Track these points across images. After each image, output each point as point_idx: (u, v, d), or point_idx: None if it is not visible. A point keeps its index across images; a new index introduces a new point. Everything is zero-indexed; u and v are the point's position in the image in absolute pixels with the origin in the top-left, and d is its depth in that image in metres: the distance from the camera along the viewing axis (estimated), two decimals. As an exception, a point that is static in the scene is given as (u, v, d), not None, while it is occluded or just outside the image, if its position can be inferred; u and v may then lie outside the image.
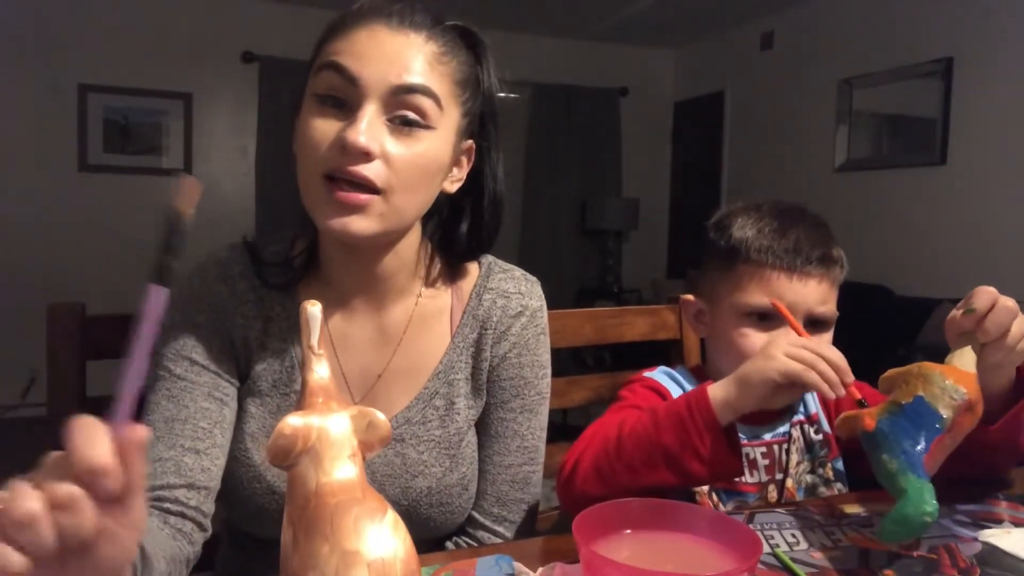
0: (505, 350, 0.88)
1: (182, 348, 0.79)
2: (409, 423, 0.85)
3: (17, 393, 4.31)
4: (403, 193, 0.74)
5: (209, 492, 0.77)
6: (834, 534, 0.72)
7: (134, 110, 4.62)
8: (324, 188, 0.72)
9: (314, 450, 0.47)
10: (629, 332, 1.25)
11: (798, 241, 0.94)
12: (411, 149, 0.73)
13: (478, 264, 0.91)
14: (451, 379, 0.87)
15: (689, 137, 5.76)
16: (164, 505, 0.74)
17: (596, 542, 0.54)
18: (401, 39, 0.74)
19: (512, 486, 0.90)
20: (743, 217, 0.98)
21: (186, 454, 0.76)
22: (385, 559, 0.45)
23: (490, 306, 0.88)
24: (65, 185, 4.50)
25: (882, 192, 4.08)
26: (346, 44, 0.74)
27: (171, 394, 0.78)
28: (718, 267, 0.99)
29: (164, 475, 0.74)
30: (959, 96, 3.65)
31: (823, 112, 4.42)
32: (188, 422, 0.77)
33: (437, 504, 0.85)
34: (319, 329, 0.52)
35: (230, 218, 4.80)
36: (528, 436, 0.91)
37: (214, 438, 0.78)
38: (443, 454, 0.85)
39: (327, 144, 0.72)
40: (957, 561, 0.67)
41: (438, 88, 0.75)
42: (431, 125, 0.75)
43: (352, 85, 0.72)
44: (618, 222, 5.45)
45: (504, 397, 0.89)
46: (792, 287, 0.93)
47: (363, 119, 0.71)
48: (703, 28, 5.28)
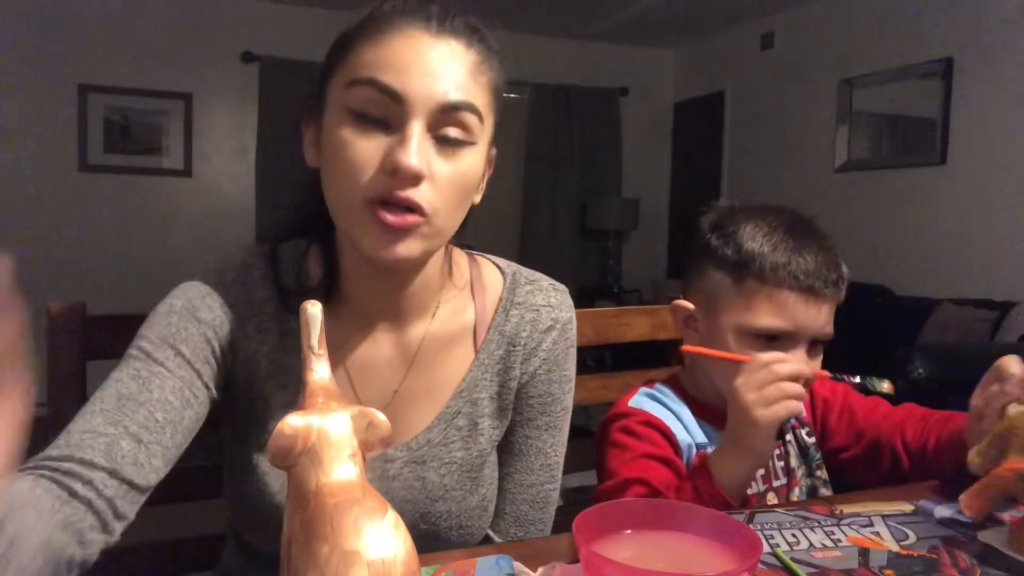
0: (535, 367, 0.84)
1: (172, 336, 0.72)
2: (430, 444, 0.80)
3: (17, 393, 4.31)
4: (446, 214, 0.70)
5: (132, 491, 0.65)
6: (834, 534, 0.72)
7: (134, 110, 4.62)
8: (370, 213, 0.67)
9: (314, 450, 0.47)
10: (629, 332, 1.25)
11: (816, 263, 0.89)
12: (455, 168, 0.69)
13: (501, 275, 0.86)
14: (475, 398, 0.82)
15: (689, 137, 5.76)
16: (70, 483, 0.61)
17: (596, 542, 0.54)
18: (444, 48, 0.69)
19: (532, 506, 0.87)
20: (751, 226, 0.92)
21: (125, 437, 0.65)
22: (385, 559, 0.45)
23: (518, 322, 0.83)
24: (65, 185, 4.51)
25: (882, 192, 4.08)
26: (383, 54, 0.67)
27: (139, 375, 0.70)
28: (721, 277, 0.93)
29: (90, 450, 0.63)
30: (959, 96, 3.65)
31: (823, 112, 4.42)
32: (144, 407, 0.68)
33: (457, 528, 0.82)
34: (319, 329, 0.52)
35: (230, 218, 4.82)
36: (551, 453, 0.87)
37: (162, 436, 0.68)
38: (465, 477, 0.81)
39: (373, 166, 0.66)
40: (957, 561, 0.67)
41: (480, 101, 0.70)
42: (474, 141, 0.71)
43: (395, 102, 0.66)
44: (618, 222, 5.45)
45: (531, 415, 0.85)
46: (807, 311, 0.88)
47: (412, 139, 0.66)
48: (703, 28, 5.28)
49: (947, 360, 2.50)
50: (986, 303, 3.19)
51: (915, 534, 0.72)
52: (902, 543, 0.70)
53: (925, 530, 0.73)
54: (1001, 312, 3.09)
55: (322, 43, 0.76)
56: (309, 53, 5.15)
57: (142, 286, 4.69)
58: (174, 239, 4.66)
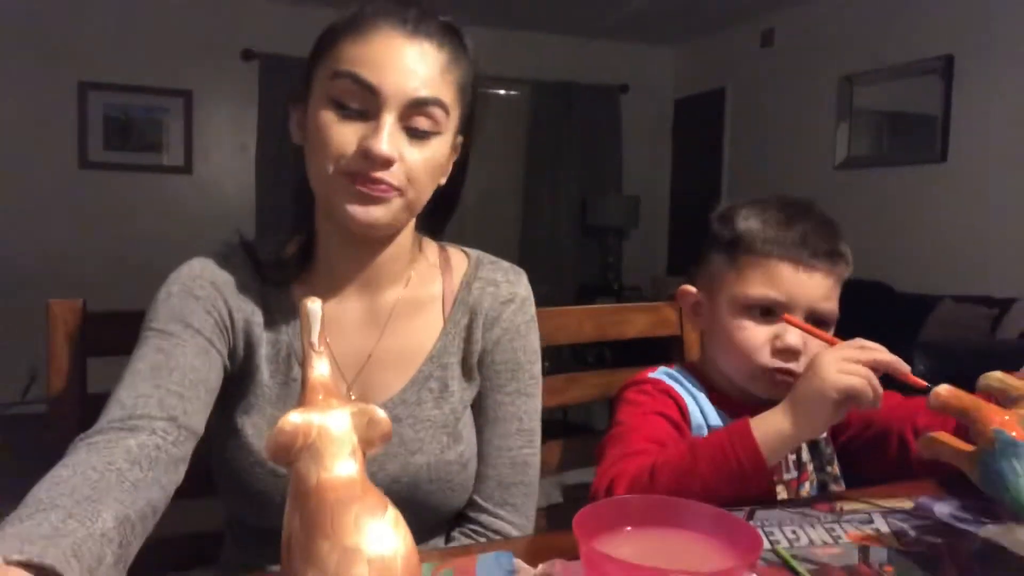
0: (498, 335, 0.92)
1: (179, 313, 0.80)
2: (405, 404, 0.87)
3: (17, 391, 4.31)
4: (416, 192, 0.80)
5: (188, 435, 0.75)
6: (834, 531, 0.72)
7: (134, 107, 4.62)
8: (346, 181, 0.76)
9: (314, 447, 0.47)
10: (630, 329, 1.25)
11: (805, 234, 0.92)
12: (423, 154, 0.79)
13: (467, 257, 0.96)
14: (444, 362, 0.89)
15: (689, 134, 5.75)
16: (139, 434, 0.70)
17: (597, 539, 0.54)
18: (417, 49, 0.77)
19: (513, 469, 0.92)
20: (748, 209, 0.97)
21: (170, 395, 0.74)
22: (385, 556, 0.45)
23: (480, 294, 0.92)
24: (65, 182, 4.51)
25: (882, 189, 4.08)
26: (363, 51, 0.76)
27: (161, 348, 0.78)
28: (719, 258, 0.97)
29: (145, 407, 0.73)
30: (960, 93, 3.65)
31: (824, 109, 4.42)
32: (176, 371, 0.76)
33: (436, 480, 0.86)
34: (319, 326, 0.52)
35: (230, 215, 4.81)
36: (525, 419, 0.93)
37: (198, 391, 0.77)
38: (440, 432, 0.87)
39: (349, 150, 0.76)
40: (957, 558, 0.67)
41: (447, 97, 0.79)
42: (440, 131, 0.80)
43: (371, 94, 0.76)
44: (618, 219, 5.45)
45: (500, 381, 0.92)
46: (797, 279, 0.91)
47: (384, 128, 0.75)
48: (704, 25, 5.27)
49: (947, 357, 2.50)
50: (986, 300, 3.19)
51: (915, 531, 0.72)
52: (902, 540, 0.70)
53: (925, 527, 0.73)
54: (1001, 309, 3.09)
55: (322, 41, 0.79)
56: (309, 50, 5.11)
57: (142, 283, 4.65)
58: (174, 236, 4.64)
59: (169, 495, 0.71)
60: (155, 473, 0.69)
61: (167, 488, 0.70)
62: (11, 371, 4.25)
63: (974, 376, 0.82)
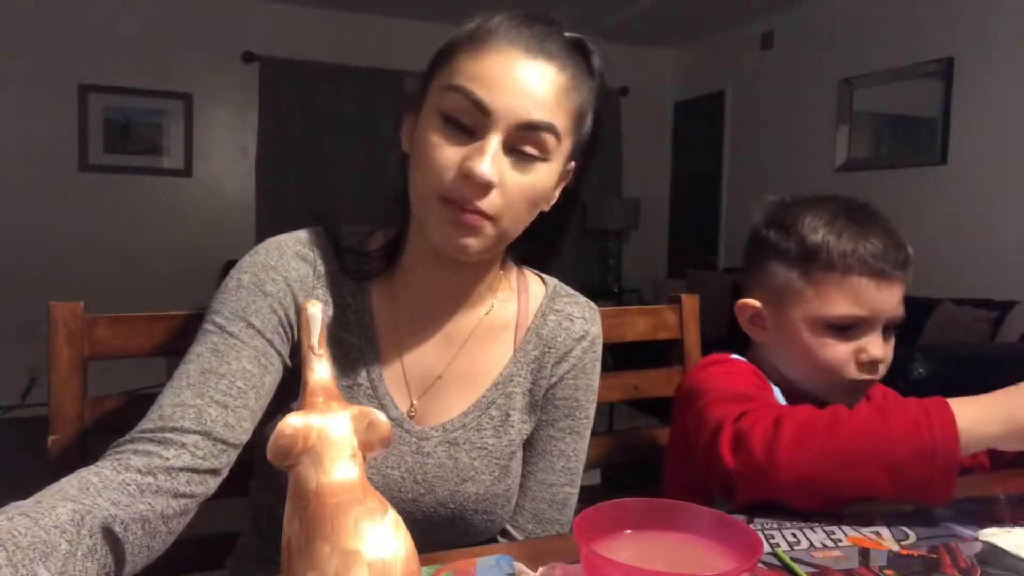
0: (564, 371, 0.90)
1: (243, 309, 0.77)
2: (465, 428, 0.85)
3: (17, 394, 4.31)
4: (511, 219, 0.76)
5: (225, 448, 0.71)
6: (834, 533, 0.72)
7: (134, 110, 4.63)
8: (443, 207, 0.73)
9: (314, 450, 0.47)
10: (630, 332, 1.25)
11: (883, 245, 0.89)
12: (526, 179, 0.74)
13: (544, 284, 0.94)
14: (509, 391, 0.87)
15: (689, 137, 5.76)
16: (168, 448, 0.67)
17: (596, 542, 0.54)
18: (535, 69, 0.73)
19: (551, 505, 0.91)
20: (811, 217, 0.92)
21: (212, 405, 0.71)
22: (385, 559, 0.45)
23: (555, 327, 0.90)
24: (65, 185, 4.51)
25: (882, 192, 4.07)
26: (478, 67, 0.73)
27: (216, 348, 0.75)
28: (787, 272, 0.93)
29: (181, 419, 0.69)
30: (959, 96, 3.65)
31: (823, 112, 4.42)
32: (225, 377, 0.73)
33: (482, 512, 0.85)
34: (320, 329, 0.52)
35: (230, 218, 4.82)
36: (572, 457, 0.91)
37: (247, 399, 0.74)
38: (494, 463, 0.85)
39: (450, 169, 0.72)
40: (958, 561, 0.67)
41: (560, 122, 0.75)
42: (547, 158, 0.76)
43: (480, 113, 0.72)
44: (618, 222, 5.45)
45: (555, 416, 0.90)
46: (879, 294, 0.88)
47: (489, 151, 0.71)
48: (703, 28, 5.28)
49: (947, 360, 2.50)
50: (986, 303, 3.19)
51: (915, 534, 0.72)
52: (902, 543, 0.70)
53: (925, 530, 0.73)
54: (1001, 312, 3.09)
55: (322, 43, 0.78)
56: (309, 53, 5.15)
57: (142, 286, 4.70)
58: (174, 239, 4.66)
59: (188, 506, 0.68)
60: (173, 484, 0.66)
61: (187, 499, 0.68)
62: (11, 373, 4.26)
63: (974, 379, 0.82)
